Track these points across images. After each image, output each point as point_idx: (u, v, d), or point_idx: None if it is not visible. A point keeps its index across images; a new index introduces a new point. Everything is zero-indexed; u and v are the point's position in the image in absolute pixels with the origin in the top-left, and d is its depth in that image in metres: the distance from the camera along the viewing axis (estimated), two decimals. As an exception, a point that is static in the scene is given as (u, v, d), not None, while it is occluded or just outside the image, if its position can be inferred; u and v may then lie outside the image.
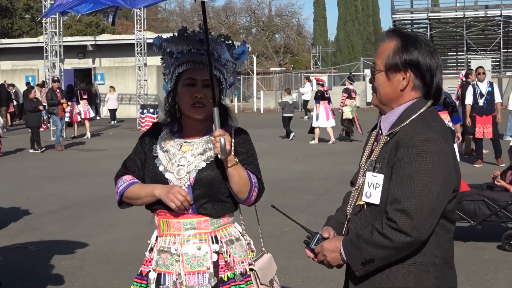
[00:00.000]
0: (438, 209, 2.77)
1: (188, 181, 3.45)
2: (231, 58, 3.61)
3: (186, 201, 3.36)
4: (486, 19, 52.49)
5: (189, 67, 3.52)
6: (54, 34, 26.88)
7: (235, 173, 3.37)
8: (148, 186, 3.50)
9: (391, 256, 2.79)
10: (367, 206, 2.91)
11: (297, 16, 78.67)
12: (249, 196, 3.45)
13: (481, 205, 8.47)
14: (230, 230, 3.57)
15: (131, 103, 37.90)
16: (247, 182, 3.42)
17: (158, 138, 3.64)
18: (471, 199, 8.51)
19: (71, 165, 17.94)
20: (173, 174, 3.48)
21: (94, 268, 7.89)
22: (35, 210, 11.33)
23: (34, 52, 38.57)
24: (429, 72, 2.92)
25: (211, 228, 3.49)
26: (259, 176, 3.51)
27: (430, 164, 2.73)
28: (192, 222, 3.47)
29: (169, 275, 3.48)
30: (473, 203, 8.50)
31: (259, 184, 3.50)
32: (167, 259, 3.50)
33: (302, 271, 7.51)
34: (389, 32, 3.04)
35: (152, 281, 3.52)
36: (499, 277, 7.29)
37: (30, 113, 21.31)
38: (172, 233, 3.51)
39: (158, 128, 3.70)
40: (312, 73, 58.53)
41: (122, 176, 3.61)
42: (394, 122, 2.94)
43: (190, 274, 3.45)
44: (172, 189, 3.38)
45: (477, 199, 8.51)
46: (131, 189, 3.53)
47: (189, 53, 3.52)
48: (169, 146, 3.57)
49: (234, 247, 3.54)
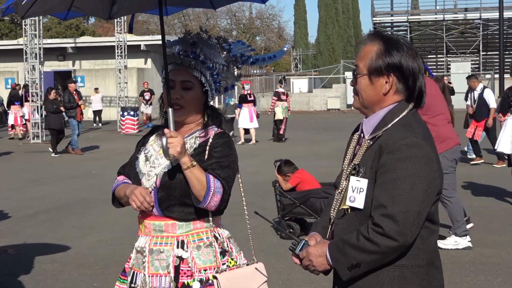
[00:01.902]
0: (423, 213, 2.78)
1: (155, 183, 3.46)
2: (224, 61, 3.58)
3: (145, 202, 3.36)
4: (465, 22, 52.89)
5: (171, 69, 3.54)
6: (33, 36, 26.72)
7: (191, 175, 3.30)
8: (127, 186, 3.53)
9: (378, 260, 2.79)
10: (351, 210, 2.91)
11: (278, 18, 78.85)
12: (205, 201, 3.32)
13: (326, 202, 8.57)
14: (202, 236, 3.50)
15: (111, 105, 37.78)
16: (203, 186, 3.31)
17: (148, 139, 3.68)
18: (317, 197, 8.98)
19: (49, 168, 17.85)
20: (145, 176, 3.51)
21: (75, 271, 7.85)
22: (15, 213, 11.25)
23: (14, 54, 38.38)
24: (411, 75, 2.93)
25: (179, 232, 3.47)
26: (224, 182, 3.37)
27: (414, 169, 2.74)
28: (160, 225, 3.48)
29: (139, 274, 3.53)
30: (319, 200, 8.97)
31: (222, 191, 3.36)
32: (139, 259, 3.55)
33: (283, 273, 7.52)
34: (371, 35, 3.03)
35: (128, 279, 3.58)
36: (479, 278, 7.32)
37: (51, 114, 20.65)
38: (146, 233, 3.54)
39: (154, 130, 3.74)
40: (292, 75, 58.67)
41: (118, 177, 3.69)
42: (376, 125, 2.94)
43: (153, 276, 3.47)
44: (135, 189, 3.40)
45: (322, 196, 8.94)
46: (118, 189, 3.59)
47: (174, 55, 3.54)
48: (151, 147, 3.60)
49: (201, 253, 3.47)
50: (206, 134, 3.53)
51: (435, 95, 8.51)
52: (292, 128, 27.07)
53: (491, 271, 7.56)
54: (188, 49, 3.50)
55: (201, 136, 3.52)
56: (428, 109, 8.48)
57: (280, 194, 9.41)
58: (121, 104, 31.66)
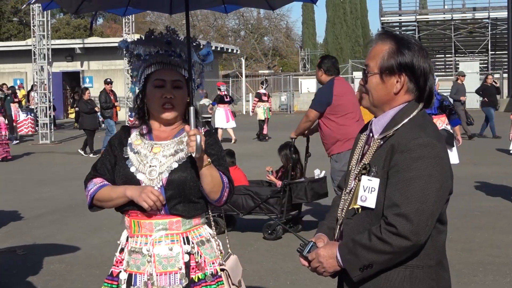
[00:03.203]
0: (436, 213, 2.77)
1: (161, 181, 3.45)
2: (198, 59, 3.65)
3: (159, 201, 3.36)
4: (474, 21, 52.79)
5: (157, 68, 3.53)
6: (42, 37, 26.78)
7: (208, 173, 3.38)
8: (119, 187, 3.49)
9: (390, 260, 2.78)
10: (362, 210, 2.90)
11: (286, 18, 78.82)
12: (221, 196, 3.47)
13: (247, 198, 9.38)
14: (201, 231, 3.58)
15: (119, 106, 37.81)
16: (219, 182, 3.44)
17: (128, 140, 3.63)
18: (239, 193, 9.28)
19: (57, 169, 17.88)
20: (145, 175, 3.48)
21: (83, 271, 7.87)
22: (23, 214, 11.28)
23: (22, 55, 38.44)
24: (423, 75, 2.91)
25: (183, 229, 3.50)
26: (229, 177, 3.54)
27: (427, 169, 2.73)
28: (164, 223, 3.47)
29: (140, 275, 3.48)
30: (240, 197, 9.36)
31: (229, 185, 3.52)
32: (138, 260, 3.50)
33: (291, 274, 7.51)
34: (381, 35, 3.02)
35: (123, 282, 3.51)
36: (488, 278, 7.30)
37: (86, 115, 20.54)
38: (143, 233, 3.50)
39: (127, 130, 3.69)
40: (301, 75, 58.60)
41: (92, 179, 3.59)
42: (386, 125, 2.93)
43: (162, 274, 3.45)
44: (144, 189, 3.37)
45: (244, 193, 9.39)
46: (102, 191, 3.52)
47: (157, 54, 3.54)
48: (140, 148, 3.57)
49: (205, 248, 3.54)
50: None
51: (344, 95, 8.69)
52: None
53: (499, 271, 7.54)
54: (168, 49, 3.54)
55: None
56: (336, 108, 8.58)
57: None
58: (129, 104, 31.67)
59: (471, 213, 10.64)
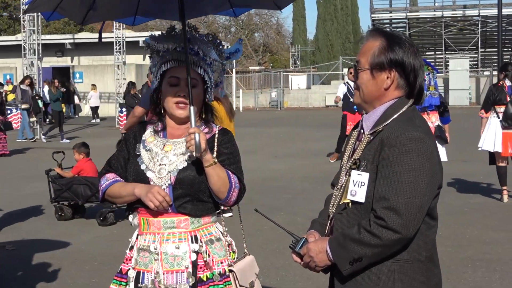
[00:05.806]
0: (425, 206, 2.79)
1: (169, 180, 3.43)
2: (218, 57, 3.61)
3: (165, 201, 3.34)
4: (464, 18, 52.89)
5: (173, 65, 3.51)
6: (32, 32, 26.71)
7: (213, 173, 3.36)
8: (129, 185, 3.49)
9: (379, 254, 2.80)
10: (352, 204, 2.92)
11: (276, 15, 78.46)
12: (228, 196, 3.43)
13: (86, 188, 10.18)
14: (211, 230, 3.55)
15: (109, 101, 37.76)
16: (226, 182, 3.40)
17: (142, 137, 3.62)
18: (78, 183, 10.27)
19: (47, 164, 17.79)
20: (155, 173, 3.47)
21: (73, 267, 7.86)
22: (13, 210, 11.25)
23: (12, 50, 38.35)
24: (413, 72, 2.94)
25: (191, 227, 3.48)
26: (240, 177, 3.49)
27: (417, 163, 2.76)
28: (172, 221, 3.46)
29: (147, 273, 3.47)
30: (80, 187, 10.25)
31: (240, 185, 3.48)
32: (146, 258, 3.49)
33: (281, 269, 7.52)
34: (373, 31, 3.04)
35: (131, 279, 3.51)
36: (477, 275, 7.33)
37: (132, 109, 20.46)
38: (152, 231, 3.49)
39: (143, 127, 3.69)
40: (291, 71, 58.61)
41: (105, 174, 3.61)
42: (377, 120, 2.95)
43: (169, 273, 3.44)
44: (151, 189, 3.36)
45: (83, 183, 10.28)
46: (113, 187, 3.53)
47: (174, 51, 3.51)
48: (152, 145, 3.56)
49: (214, 247, 3.52)
50: (211, 130, 3.55)
51: None
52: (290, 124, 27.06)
53: (488, 268, 7.57)
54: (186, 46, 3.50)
55: (206, 133, 3.50)
56: None
57: (52, 180, 10.62)
58: (119, 100, 31.62)
59: (460, 209, 10.69)
